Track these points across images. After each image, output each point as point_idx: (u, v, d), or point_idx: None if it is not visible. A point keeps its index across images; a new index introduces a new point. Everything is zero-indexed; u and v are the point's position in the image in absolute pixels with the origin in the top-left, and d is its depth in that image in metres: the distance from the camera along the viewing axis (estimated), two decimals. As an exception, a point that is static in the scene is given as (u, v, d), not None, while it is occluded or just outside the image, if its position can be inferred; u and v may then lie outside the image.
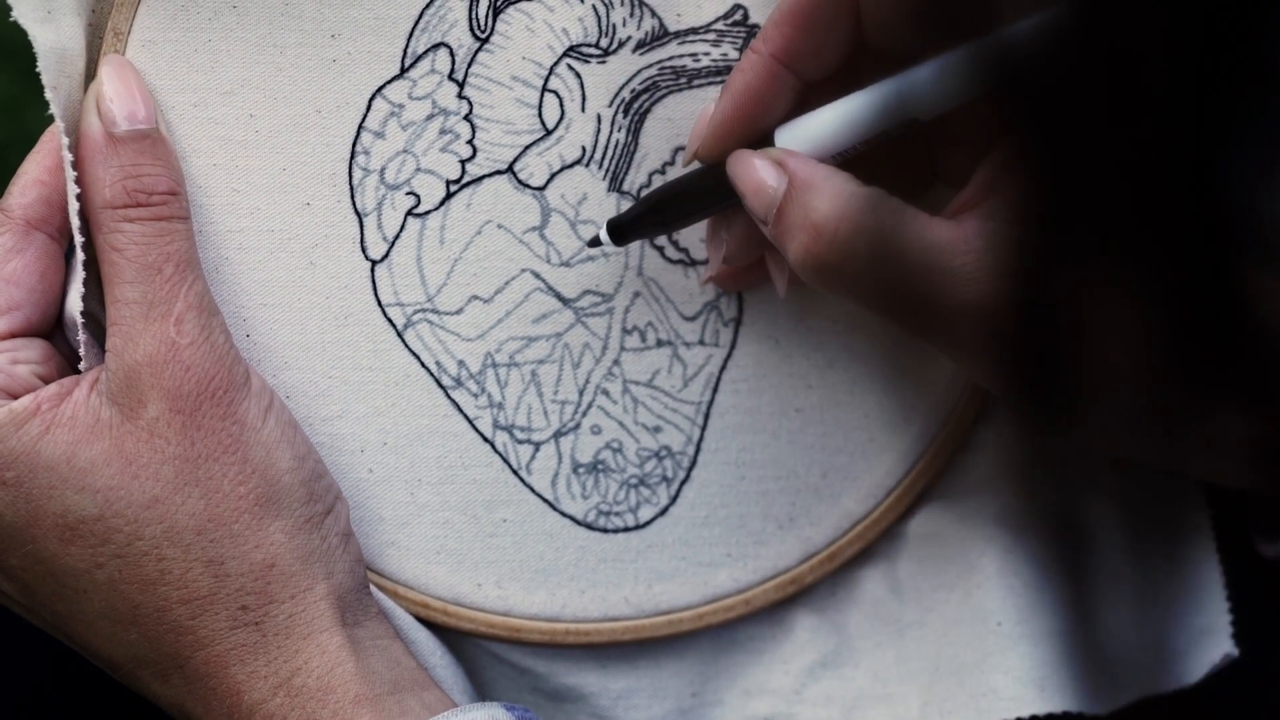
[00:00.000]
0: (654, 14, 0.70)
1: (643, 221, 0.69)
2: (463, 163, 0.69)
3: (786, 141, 0.66)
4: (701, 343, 0.72)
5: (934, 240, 0.61)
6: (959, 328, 0.62)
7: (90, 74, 0.66)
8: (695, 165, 0.69)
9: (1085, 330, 0.43)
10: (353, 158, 0.69)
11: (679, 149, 0.71)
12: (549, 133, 0.70)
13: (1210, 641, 0.71)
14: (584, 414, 0.71)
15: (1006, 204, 0.61)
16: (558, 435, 0.71)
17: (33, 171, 0.65)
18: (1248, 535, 0.69)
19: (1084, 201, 0.42)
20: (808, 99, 0.66)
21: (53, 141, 0.66)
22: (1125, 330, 0.43)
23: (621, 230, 0.69)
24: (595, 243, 0.70)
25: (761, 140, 0.66)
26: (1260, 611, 0.72)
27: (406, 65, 0.68)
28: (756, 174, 0.64)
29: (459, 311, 0.70)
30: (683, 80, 0.71)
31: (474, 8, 0.69)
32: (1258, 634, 0.72)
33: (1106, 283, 0.43)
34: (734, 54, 0.71)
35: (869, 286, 0.63)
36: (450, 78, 0.69)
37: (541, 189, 0.70)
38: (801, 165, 0.64)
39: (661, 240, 0.71)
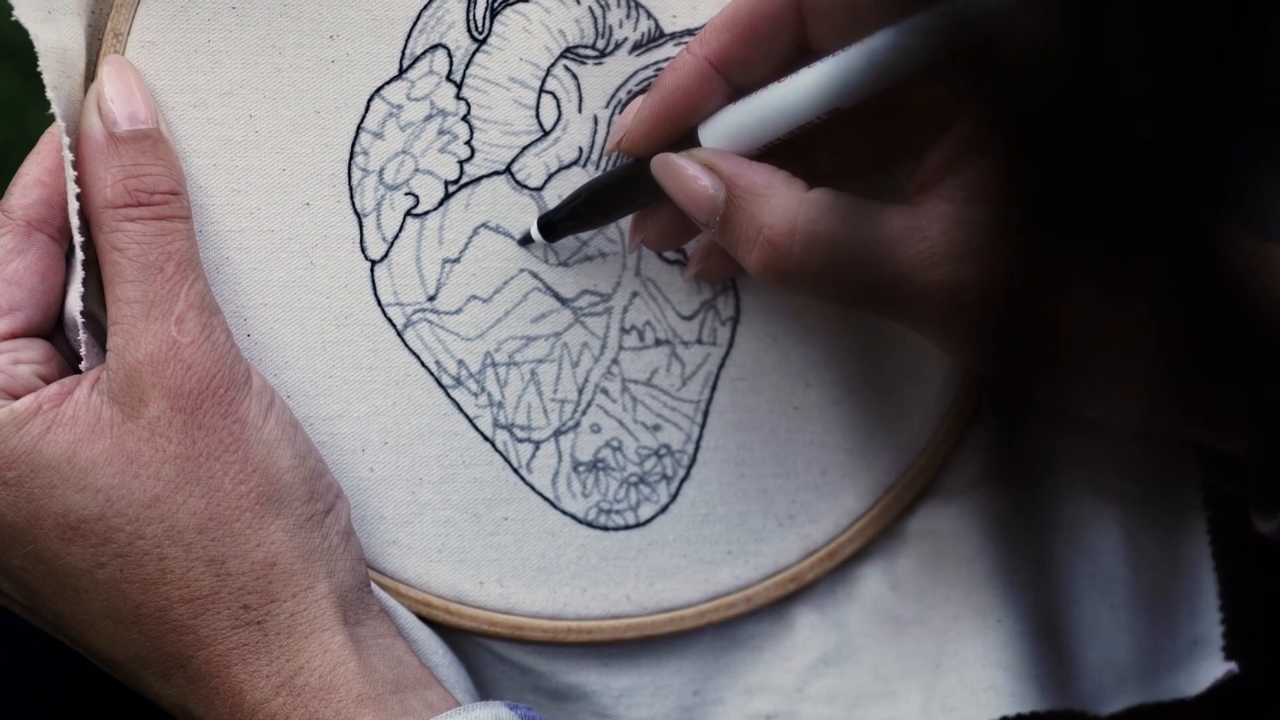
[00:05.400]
0: (650, 15, 0.70)
1: (573, 216, 0.69)
2: (461, 163, 0.70)
3: (711, 138, 0.65)
4: (699, 341, 0.72)
5: (890, 233, 0.61)
6: (926, 310, 0.62)
7: (90, 75, 0.66)
8: (621, 159, 0.69)
9: (1066, 306, 0.43)
10: (352, 158, 0.69)
11: None
12: (546, 134, 0.70)
13: (1203, 651, 0.71)
14: (583, 413, 0.71)
15: (966, 184, 0.61)
16: (558, 434, 0.71)
17: (33, 172, 0.66)
18: (1245, 522, 0.70)
19: (1065, 183, 0.42)
20: (736, 99, 0.66)
21: (53, 142, 0.66)
22: (1112, 308, 0.43)
23: (553, 226, 0.69)
24: (526, 239, 0.70)
25: (687, 136, 0.66)
26: (1257, 622, 0.73)
27: (405, 66, 0.69)
28: (690, 183, 0.64)
29: (458, 311, 0.70)
30: (680, 80, 0.71)
31: (471, 9, 0.69)
32: (1254, 645, 0.72)
33: (1089, 262, 0.43)
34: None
35: (831, 287, 0.63)
36: (448, 79, 0.69)
37: (539, 190, 0.70)
38: (737, 170, 0.64)
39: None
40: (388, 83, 0.69)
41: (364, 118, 0.69)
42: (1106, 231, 0.42)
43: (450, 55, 0.69)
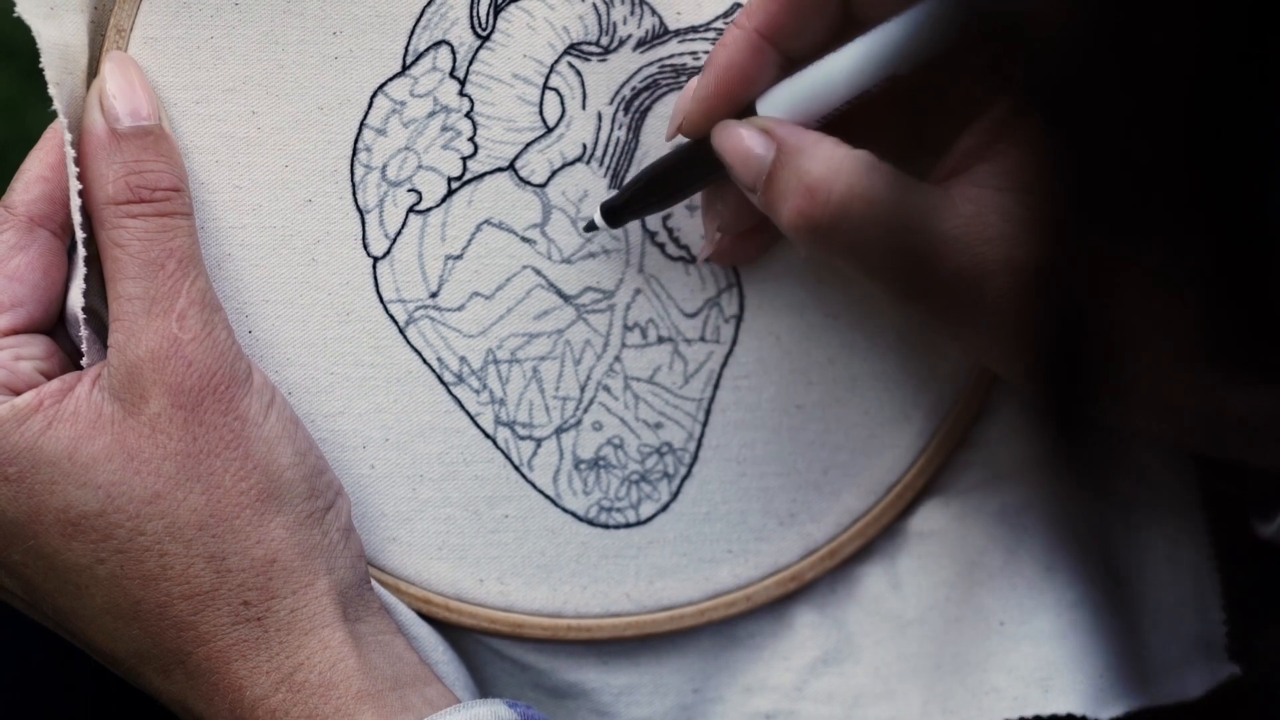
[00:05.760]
0: (654, 12, 0.70)
1: (635, 201, 0.69)
2: (464, 160, 0.70)
3: (769, 109, 0.65)
4: (702, 339, 0.72)
5: (929, 203, 0.61)
6: (950, 294, 0.62)
7: (93, 71, 0.66)
8: (680, 141, 0.69)
9: (1110, 302, 0.43)
10: (354, 155, 0.69)
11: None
12: (550, 130, 0.70)
13: (1206, 653, 0.71)
14: (585, 410, 0.71)
15: (997, 171, 0.61)
16: (559, 431, 0.71)
17: (35, 168, 0.66)
18: (1244, 521, 0.69)
19: (1108, 172, 0.42)
20: (790, 70, 0.66)
21: (55, 139, 0.66)
22: (1155, 304, 0.43)
23: (615, 212, 0.69)
24: (590, 227, 0.70)
25: (744, 113, 0.66)
26: (1260, 623, 0.72)
27: (408, 63, 0.69)
28: (743, 143, 0.65)
29: (460, 308, 0.70)
30: (683, 78, 0.71)
31: (475, 5, 0.69)
32: (1258, 646, 0.72)
33: (1131, 253, 0.43)
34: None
35: (861, 249, 0.63)
36: (452, 75, 0.69)
37: (543, 186, 0.70)
38: (789, 131, 0.64)
39: (662, 237, 0.72)
40: (391, 79, 0.69)
41: (367, 114, 0.69)
42: (1147, 215, 0.42)
43: (454, 52, 0.69)
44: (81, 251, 0.65)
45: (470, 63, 0.69)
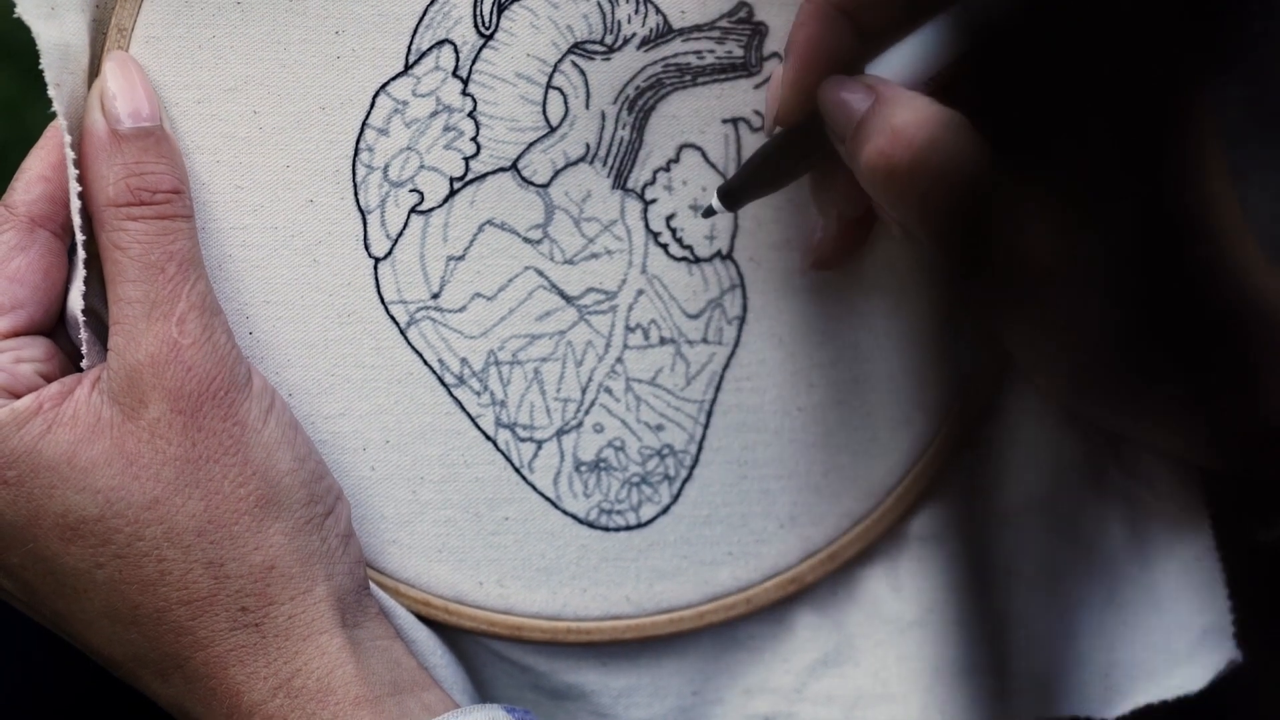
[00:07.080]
0: (659, 11, 0.70)
1: (751, 182, 0.68)
2: (466, 160, 0.69)
3: (877, 71, 0.64)
4: (705, 340, 0.72)
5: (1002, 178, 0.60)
6: (1011, 279, 0.61)
7: (94, 70, 0.66)
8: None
9: (1025, 227, 0.42)
10: (356, 155, 0.68)
11: (683, 146, 0.71)
12: (553, 130, 0.70)
13: (1213, 642, 0.71)
14: (586, 412, 0.71)
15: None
16: (560, 433, 0.71)
17: (36, 168, 0.65)
18: (1245, 525, 0.69)
19: (1031, 99, 0.42)
20: (865, 53, 0.65)
21: (56, 137, 0.65)
22: (1068, 238, 0.42)
23: (732, 194, 0.69)
24: (709, 212, 0.69)
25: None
26: (1260, 611, 0.72)
27: (411, 62, 0.68)
28: (841, 94, 0.63)
29: (462, 309, 0.70)
30: (687, 77, 0.70)
31: (479, 4, 0.68)
32: (1259, 634, 0.72)
33: (1050, 187, 0.43)
34: (738, 51, 0.71)
35: (930, 203, 0.61)
36: (454, 74, 0.69)
37: (545, 186, 0.70)
38: (889, 86, 0.63)
39: (665, 238, 0.71)
40: (393, 79, 0.68)
41: (369, 114, 0.68)
42: (1067, 157, 0.42)
43: (457, 51, 0.69)
44: (81, 253, 0.65)
45: (473, 62, 0.69)
